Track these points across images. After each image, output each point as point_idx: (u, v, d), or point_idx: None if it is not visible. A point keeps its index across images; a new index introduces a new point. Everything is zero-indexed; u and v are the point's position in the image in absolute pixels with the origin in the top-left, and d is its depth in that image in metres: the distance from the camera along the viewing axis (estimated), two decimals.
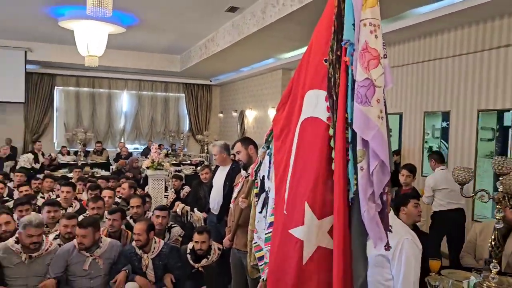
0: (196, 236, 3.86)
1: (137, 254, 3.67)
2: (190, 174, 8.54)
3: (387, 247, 1.51)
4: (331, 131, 1.63)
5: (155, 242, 3.74)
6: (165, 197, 5.95)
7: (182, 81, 13.12)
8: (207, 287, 3.76)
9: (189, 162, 10.52)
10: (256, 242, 2.54)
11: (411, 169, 5.14)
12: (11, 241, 3.36)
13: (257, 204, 2.56)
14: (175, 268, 3.75)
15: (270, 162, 2.36)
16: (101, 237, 3.61)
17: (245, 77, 11.48)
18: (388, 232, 1.71)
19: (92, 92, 12.49)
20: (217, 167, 4.53)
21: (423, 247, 2.82)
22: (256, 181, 2.64)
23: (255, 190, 2.63)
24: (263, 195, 2.51)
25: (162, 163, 5.77)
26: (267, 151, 2.43)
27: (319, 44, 1.76)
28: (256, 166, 2.59)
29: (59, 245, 3.61)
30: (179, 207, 5.31)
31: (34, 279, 3.32)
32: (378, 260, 2.27)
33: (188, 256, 3.89)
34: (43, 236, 3.46)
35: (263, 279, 2.47)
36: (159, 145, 9.98)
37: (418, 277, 2.28)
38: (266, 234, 2.25)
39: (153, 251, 3.70)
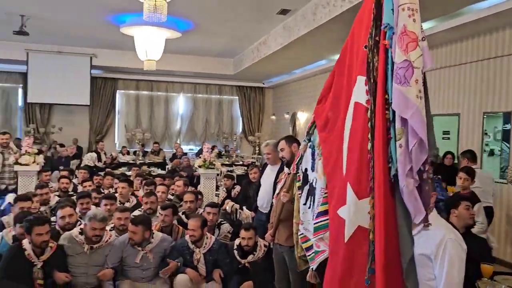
0: (243, 233, 3.96)
1: (189, 248, 3.84)
2: (241, 174, 8.70)
3: (427, 223, 1.58)
4: (369, 113, 1.72)
5: (207, 238, 3.90)
6: (216, 196, 6.13)
7: (235, 84, 13.39)
8: (253, 283, 3.84)
9: (241, 163, 10.71)
10: (302, 234, 2.59)
11: (469, 171, 4.91)
12: (75, 231, 3.62)
13: (300, 196, 2.60)
14: (224, 264, 3.88)
15: (313, 154, 2.42)
16: (153, 233, 3.80)
17: (297, 79, 11.50)
18: (430, 231, 1.84)
19: (151, 95, 13.08)
20: (265, 166, 4.60)
21: (476, 251, 2.71)
22: (298, 174, 2.68)
23: (298, 184, 2.67)
24: (306, 187, 2.55)
25: (214, 162, 5.94)
26: (309, 144, 2.48)
27: (360, 32, 1.86)
28: (298, 159, 2.64)
29: (116, 236, 3.85)
30: (228, 205, 5.44)
31: (93, 268, 3.57)
32: (420, 259, 2.22)
33: (235, 251, 3.99)
34: (106, 222, 3.70)
35: (312, 268, 2.58)
36: (213, 146, 10.27)
37: (462, 279, 2.20)
38: (315, 224, 2.31)
39: (204, 246, 3.86)
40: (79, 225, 3.84)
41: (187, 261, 3.82)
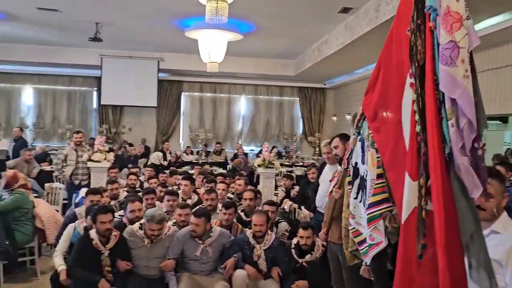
0: (301, 232, 3.96)
1: (250, 244, 3.88)
2: (301, 174, 8.68)
3: (485, 195, 1.70)
4: (414, 96, 1.75)
5: (268, 235, 3.94)
6: (275, 195, 6.17)
7: (296, 85, 13.37)
8: (309, 282, 3.82)
9: (301, 164, 10.67)
10: (353, 228, 2.57)
11: None
12: (136, 226, 3.79)
13: (350, 191, 2.58)
14: (282, 262, 3.89)
15: (363, 147, 2.42)
16: (212, 227, 3.89)
17: (359, 79, 11.24)
18: (503, 235, 1.96)
19: (214, 97, 13.44)
20: (323, 165, 4.56)
21: None
22: (348, 169, 2.65)
23: (348, 178, 2.65)
24: (357, 181, 2.54)
25: (273, 162, 5.99)
26: (358, 137, 2.45)
27: (404, 17, 1.89)
28: (348, 154, 2.60)
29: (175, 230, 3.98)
30: (287, 204, 5.46)
31: (154, 261, 3.72)
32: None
33: (293, 250, 3.99)
34: (164, 223, 3.81)
35: (365, 262, 2.60)
36: (273, 147, 10.35)
37: None
38: (368, 215, 2.33)
39: (265, 243, 3.90)
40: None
41: (247, 257, 3.87)
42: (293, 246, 4.05)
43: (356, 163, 2.55)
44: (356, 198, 2.55)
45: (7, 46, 10.79)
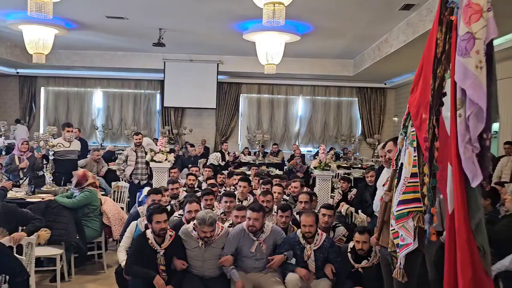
0: (357, 236, 3.87)
1: (301, 243, 3.84)
2: (359, 177, 8.48)
3: (485, 185, 1.79)
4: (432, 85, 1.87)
5: (318, 235, 3.89)
6: (331, 198, 6.09)
7: (355, 85, 13.08)
8: None
9: (359, 165, 10.43)
10: (393, 229, 2.54)
11: None
12: (190, 227, 3.84)
13: (395, 192, 2.52)
14: (335, 262, 3.83)
15: (404, 146, 2.42)
16: (264, 223, 3.91)
17: None
18: None
19: (271, 98, 13.51)
20: (380, 168, 4.43)
21: None
22: (397, 170, 2.58)
23: (396, 180, 2.58)
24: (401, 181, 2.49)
25: (329, 164, 5.91)
26: (405, 137, 2.39)
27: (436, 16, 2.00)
28: (396, 154, 2.54)
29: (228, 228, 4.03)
30: (343, 207, 5.37)
31: (209, 262, 3.77)
32: None
33: (349, 254, 3.92)
34: (216, 224, 3.84)
35: (399, 264, 2.58)
36: (330, 149, 10.20)
37: None
38: (397, 212, 2.34)
39: (316, 243, 3.86)
40: None
41: (298, 257, 3.85)
42: (349, 250, 3.97)
43: (402, 164, 2.49)
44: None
45: (80, 52, 11.60)
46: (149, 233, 3.66)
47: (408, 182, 2.27)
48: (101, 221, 4.86)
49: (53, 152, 5.63)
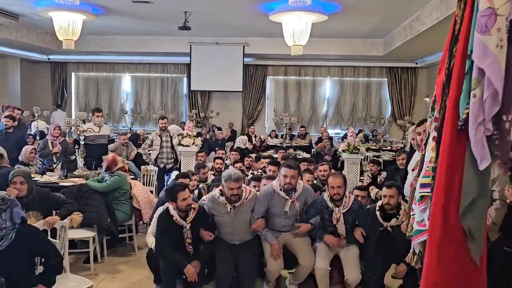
0: (384, 190, 3.79)
1: (328, 207, 3.78)
2: (388, 160, 8.30)
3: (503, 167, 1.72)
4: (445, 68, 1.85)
5: (346, 197, 3.81)
6: (360, 181, 5.98)
7: (385, 65, 12.72)
8: (393, 249, 3.58)
9: (389, 148, 10.21)
10: (414, 213, 2.42)
11: None
12: (216, 193, 3.81)
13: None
14: (365, 224, 3.76)
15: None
16: (297, 182, 3.85)
17: None
18: None
19: (298, 80, 13.33)
20: (412, 151, 4.30)
21: None
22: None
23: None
24: None
25: (358, 147, 5.80)
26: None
27: None
28: (425, 138, 2.39)
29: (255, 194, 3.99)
30: (373, 191, 5.26)
31: (239, 228, 3.75)
32: None
33: (378, 213, 3.82)
34: (242, 181, 3.79)
35: (412, 249, 2.45)
36: (359, 131, 10.02)
37: None
38: (420, 193, 2.23)
39: (344, 206, 3.77)
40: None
41: (326, 221, 3.79)
42: (377, 208, 3.86)
43: None
44: None
45: (107, 38, 11.73)
46: (172, 209, 3.63)
47: (427, 166, 2.19)
48: (131, 204, 4.95)
49: (84, 137, 5.74)
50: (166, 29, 10.39)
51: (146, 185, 6.36)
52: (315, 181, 5.56)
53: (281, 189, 3.78)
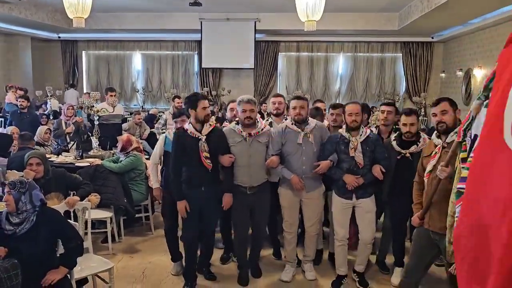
0: (403, 118, 3.69)
1: (345, 138, 3.65)
2: None
3: None
4: None
5: (363, 128, 3.71)
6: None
7: (399, 40, 12.41)
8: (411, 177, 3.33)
9: None
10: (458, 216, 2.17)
11: None
12: (233, 124, 3.82)
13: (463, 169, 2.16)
14: (382, 158, 3.64)
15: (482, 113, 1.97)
16: (308, 117, 3.83)
17: (474, 30, 10.02)
18: None
19: (311, 56, 13.10)
20: (431, 130, 4.20)
21: None
22: (464, 143, 2.23)
23: (462, 155, 2.22)
24: None
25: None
26: (485, 102, 1.96)
27: None
28: (467, 123, 2.17)
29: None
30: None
31: (254, 156, 3.69)
32: None
33: (394, 142, 3.74)
34: (257, 115, 3.78)
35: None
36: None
37: None
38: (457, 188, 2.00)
39: (361, 135, 3.63)
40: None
41: (342, 152, 3.64)
42: (393, 138, 3.78)
43: (476, 136, 2.07)
44: None
45: (117, 15, 11.61)
46: (186, 125, 3.59)
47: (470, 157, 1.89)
48: (147, 184, 4.95)
49: (98, 117, 5.73)
50: (176, 5, 10.22)
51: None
52: None
53: (292, 123, 3.75)
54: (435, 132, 3.02)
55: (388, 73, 12.96)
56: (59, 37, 13.24)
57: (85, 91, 13.65)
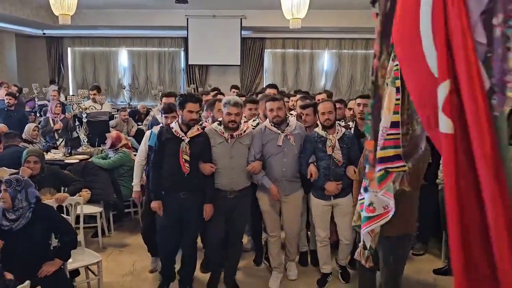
0: (359, 100, 3.91)
1: (322, 136, 3.65)
2: None
3: None
4: None
5: (339, 126, 3.75)
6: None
7: None
8: None
9: None
10: (363, 198, 2.23)
11: None
12: (215, 124, 3.65)
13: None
14: (357, 157, 3.57)
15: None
16: (288, 117, 3.81)
17: None
18: None
19: (296, 53, 13.27)
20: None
21: None
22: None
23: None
24: None
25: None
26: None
27: None
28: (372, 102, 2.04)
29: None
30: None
31: (236, 157, 3.55)
32: None
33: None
34: (241, 108, 3.59)
35: (362, 244, 2.32)
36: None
37: None
38: (378, 172, 1.88)
39: (337, 133, 3.67)
40: None
41: (320, 151, 3.64)
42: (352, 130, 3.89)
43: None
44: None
45: (103, 11, 11.60)
46: (173, 124, 3.49)
47: (387, 134, 1.74)
48: None
49: (86, 114, 5.81)
50: (162, 1, 10.27)
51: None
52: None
53: (272, 125, 3.68)
54: None
55: (372, 69, 13.18)
56: (44, 33, 13.14)
57: (71, 87, 13.65)
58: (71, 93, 13.09)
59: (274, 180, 3.69)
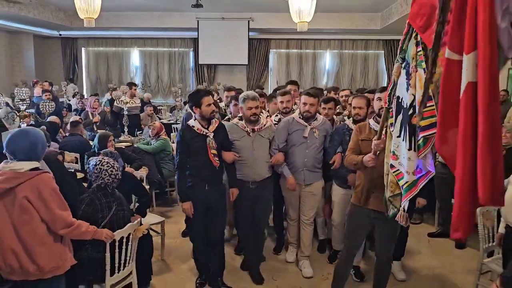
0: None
1: (350, 129, 3.69)
2: None
3: None
4: None
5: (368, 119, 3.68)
6: None
7: (381, 38, 13.45)
8: None
9: None
10: (397, 170, 2.32)
11: None
12: (235, 120, 3.80)
13: (393, 131, 2.32)
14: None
15: (408, 73, 2.08)
16: (316, 113, 3.93)
17: None
18: None
19: (300, 53, 14.05)
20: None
21: None
22: (391, 109, 2.33)
23: (391, 120, 2.34)
24: (399, 117, 2.24)
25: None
26: (403, 64, 2.07)
27: None
28: (390, 89, 2.28)
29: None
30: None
31: (258, 150, 3.69)
32: None
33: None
34: (259, 101, 3.70)
35: (403, 207, 2.37)
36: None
37: None
38: (418, 140, 2.04)
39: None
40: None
41: (347, 143, 3.52)
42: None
43: (399, 98, 2.21)
44: (399, 136, 2.24)
45: (117, 14, 12.30)
46: (191, 122, 3.49)
47: (426, 107, 1.93)
48: (174, 163, 5.81)
49: (126, 108, 6.55)
50: (174, 4, 10.96)
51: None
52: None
53: (300, 117, 3.83)
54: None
55: (371, 68, 14.01)
56: (60, 34, 13.83)
57: (84, 86, 14.33)
58: (84, 92, 13.84)
59: (296, 170, 3.87)
